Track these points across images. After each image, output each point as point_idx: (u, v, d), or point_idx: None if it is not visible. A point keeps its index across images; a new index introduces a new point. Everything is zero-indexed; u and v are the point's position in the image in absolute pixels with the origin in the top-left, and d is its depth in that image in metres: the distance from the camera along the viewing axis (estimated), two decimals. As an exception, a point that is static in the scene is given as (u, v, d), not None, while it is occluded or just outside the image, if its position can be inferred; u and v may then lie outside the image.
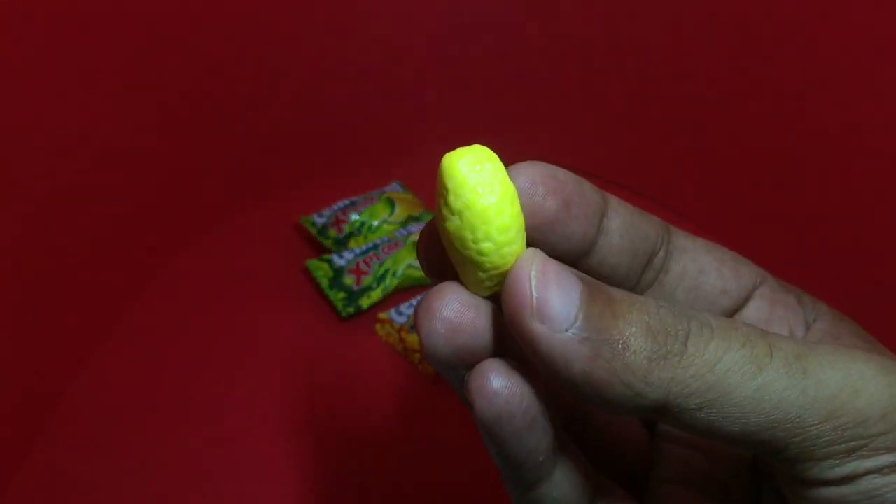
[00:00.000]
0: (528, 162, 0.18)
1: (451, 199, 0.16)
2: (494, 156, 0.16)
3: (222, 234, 0.52)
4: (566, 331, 0.15)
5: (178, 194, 0.50)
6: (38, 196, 0.40)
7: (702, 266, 0.20)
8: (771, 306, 0.20)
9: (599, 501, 0.18)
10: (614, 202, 0.19)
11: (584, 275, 0.16)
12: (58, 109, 0.40)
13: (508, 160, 0.17)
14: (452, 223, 0.16)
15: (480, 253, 0.16)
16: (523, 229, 0.16)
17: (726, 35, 0.48)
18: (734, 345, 0.15)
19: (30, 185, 0.39)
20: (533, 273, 0.16)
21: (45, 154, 0.40)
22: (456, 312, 0.16)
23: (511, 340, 0.17)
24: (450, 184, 0.16)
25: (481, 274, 0.16)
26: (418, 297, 0.47)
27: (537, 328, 0.15)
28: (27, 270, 0.39)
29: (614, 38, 0.53)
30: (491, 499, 0.38)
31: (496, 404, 0.16)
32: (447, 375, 0.18)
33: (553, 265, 0.16)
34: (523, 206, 0.17)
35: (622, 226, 0.19)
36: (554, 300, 0.15)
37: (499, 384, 0.16)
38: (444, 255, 0.17)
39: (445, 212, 0.16)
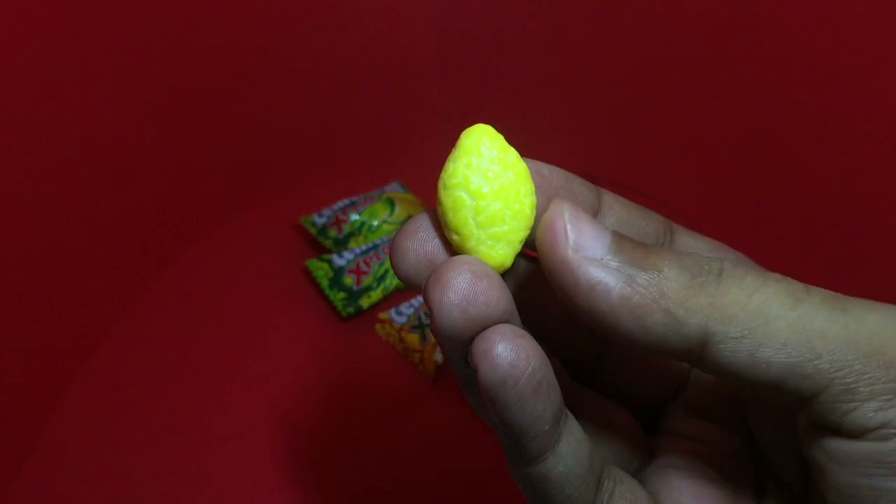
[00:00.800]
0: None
1: (503, 154, 0.17)
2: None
3: (222, 234, 0.52)
4: (601, 259, 0.16)
5: (179, 195, 0.50)
6: (38, 197, 0.40)
7: None
8: None
9: (607, 479, 0.18)
10: (609, 200, 0.19)
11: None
12: (58, 110, 0.40)
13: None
14: (504, 181, 0.17)
15: (532, 206, 0.17)
16: None
17: (727, 35, 0.48)
18: (770, 279, 0.16)
19: (30, 185, 0.39)
20: (566, 210, 0.16)
21: (46, 155, 0.40)
22: (469, 283, 0.16)
23: (520, 310, 0.17)
24: (497, 146, 0.17)
25: (526, 232, 0.17)
26: (419, 297, 0.47)
27: (574, 256, 0.16)
28: (28, 271, 0.39)
29: (615, 37, 0.53)
30: (490, 497, 0.38)
31: (501, 367, 0.16)
32: (452, 351, 0.17)
33: (583, 211, 0.16)
34: None
35: (616, 224, 0.19)
36: (587, 232, 0.16)
37: (504, 347, 0.16)
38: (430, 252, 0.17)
39: (496, 170, 0.17)
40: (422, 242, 0.18)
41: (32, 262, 0.40)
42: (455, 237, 0.17)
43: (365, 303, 0.47)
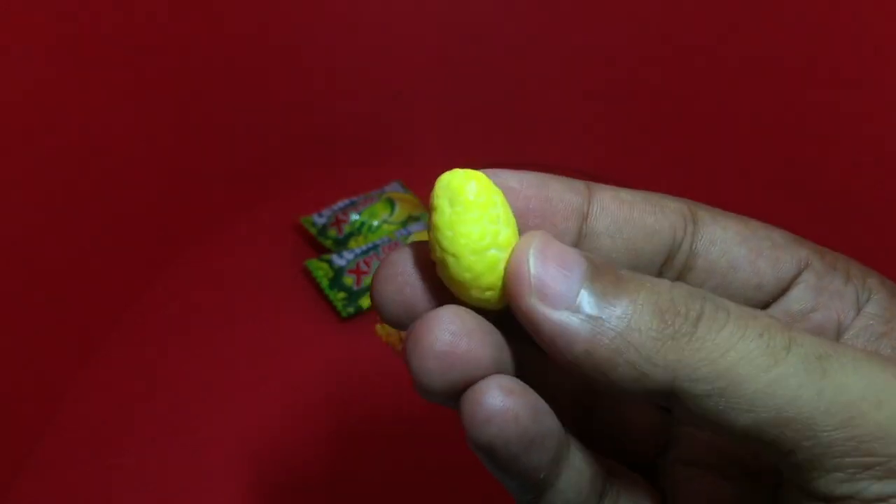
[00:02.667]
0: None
1: (497, 194, 0.16)
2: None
3: (222, 234, 0.52)
4: (566, 309, 0.15)
5: (179, 195, 0.50)
6: (39, 197, 0.40)
7: (733, 261, 0.18)
8: (816, 295, 0.18)
9: (608, 496, 0.18)
10: (605, 199, 0.17)
11: (592, 255, 0.16)
12: (57, 110, 0.40)
13: (508, 159, 0.17)
14: (513, 218, 0.16)
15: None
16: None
17: (729, 33, 0.48)
18: (750, 333, 0.14)
19: (30, 186, 0.39)
20: (531, 251, 0.15)
21: (45, 155, 0.40)
22: (448, 345, 0.15)
23: (509, 357, 0.16)
24: (488, 187, 0.16)
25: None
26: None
27: (536, 307, 0.15)
28: (28, 271, 0.39)
29: (614, 37, 0.53)
30: (491, 497, 0.38)
31: (488, 431, 0.15)
32: (438, 402, 0.17)
33: (555, 244, 0.15)
34: None
35: (612, 226, 0.17)
36: (553, 278, 0.15)
37: (491, 410, 0.15)
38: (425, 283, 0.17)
39: (508, 212, 0.16)
40: (401, 288, 0.17)
41: (33, 263, 0.40)
42: (489, 293, 0.16)
43: (365, 303, 0.47)
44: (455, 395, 0.16)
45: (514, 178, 0.17)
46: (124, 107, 0.44)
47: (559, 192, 0.17)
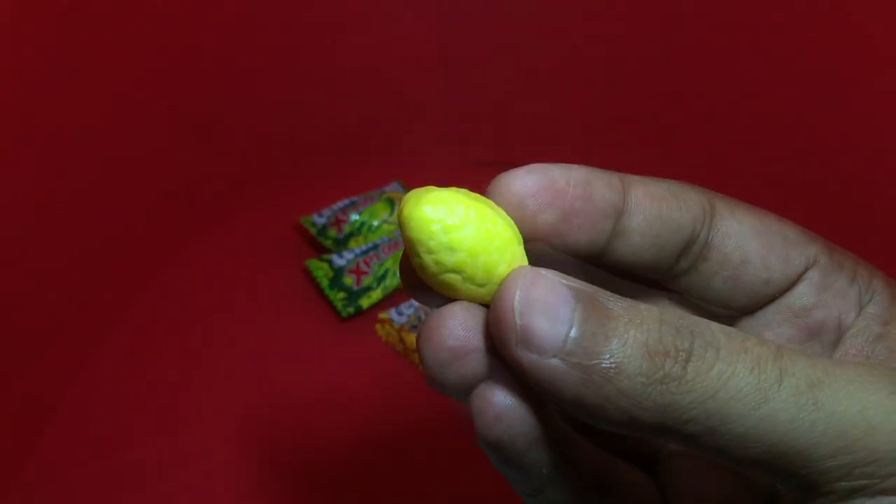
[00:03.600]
0: (525, 168, 0.17)
1: (449, 213, 0.16)
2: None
3: (223, 234, 0.52)
4: (554, 357, 0.14)
5: (179, 195, 0.50)
6: (39, 196, 0.40)
7: (745, 255, 0.18)
8: (818, 293, 0.18)
9: (609, 490, 0.18)
10: (638, 195, 0.17)
11: (582, 285, 0.15)
12: (58, 110, 0.40)
13: (508, 159, 0.17)
14: (468, 237, 0.16)
15: (507, 225, 0.16)
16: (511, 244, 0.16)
17: (729, 34, 0.48)
18: (740, 370, 0.14)
19: (30, 185, 0.39)
20: (517, 297, 0.15)
21: (46, 155, 0.40)
22: (460, 341, 0.16)
23: None
24: (444, 208, 0.16)
25: (521, 247, 0.16)
26: (418, 297, 0.47)
27: (523, 356, 0.14)
28: (28, 271, 0.39)
29: (615, 35, 0.53)
30: (492, 497, 0.38)
31: (497, 428, 0.16)
32: (449, 395, 0.17)
33: (542, 284, 0.15)
34: (515, 220, 0.16)
35: (644, 223, 0.17)
36: (539, 326, 0.14)
37: (500, 408, 0.16)
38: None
39: (457, 236, 0.16)
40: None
41: (33, 262, 0.40)
42: (469, 296, 0.16)
43: (365, 303, 0.47)
44: (465, 388, 0.16)
45: (563, 178, 0.17)
46: (125, 107, 0.44)
47: (601, 191, 0.17)
